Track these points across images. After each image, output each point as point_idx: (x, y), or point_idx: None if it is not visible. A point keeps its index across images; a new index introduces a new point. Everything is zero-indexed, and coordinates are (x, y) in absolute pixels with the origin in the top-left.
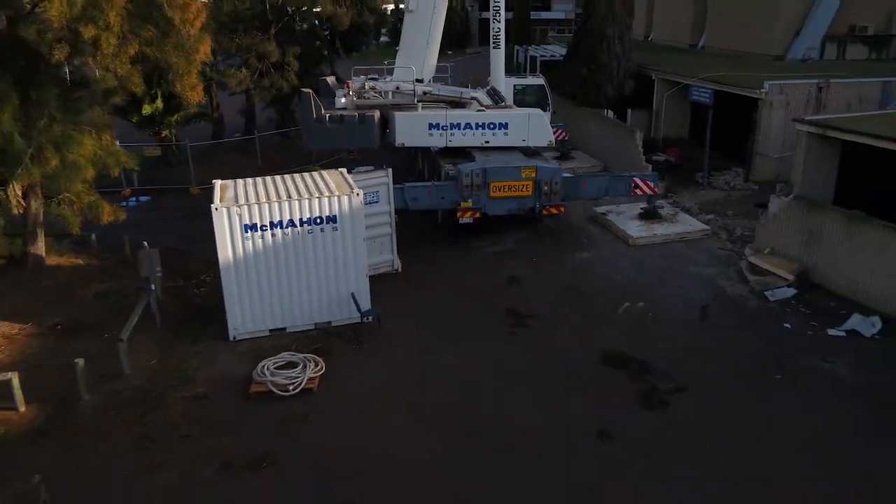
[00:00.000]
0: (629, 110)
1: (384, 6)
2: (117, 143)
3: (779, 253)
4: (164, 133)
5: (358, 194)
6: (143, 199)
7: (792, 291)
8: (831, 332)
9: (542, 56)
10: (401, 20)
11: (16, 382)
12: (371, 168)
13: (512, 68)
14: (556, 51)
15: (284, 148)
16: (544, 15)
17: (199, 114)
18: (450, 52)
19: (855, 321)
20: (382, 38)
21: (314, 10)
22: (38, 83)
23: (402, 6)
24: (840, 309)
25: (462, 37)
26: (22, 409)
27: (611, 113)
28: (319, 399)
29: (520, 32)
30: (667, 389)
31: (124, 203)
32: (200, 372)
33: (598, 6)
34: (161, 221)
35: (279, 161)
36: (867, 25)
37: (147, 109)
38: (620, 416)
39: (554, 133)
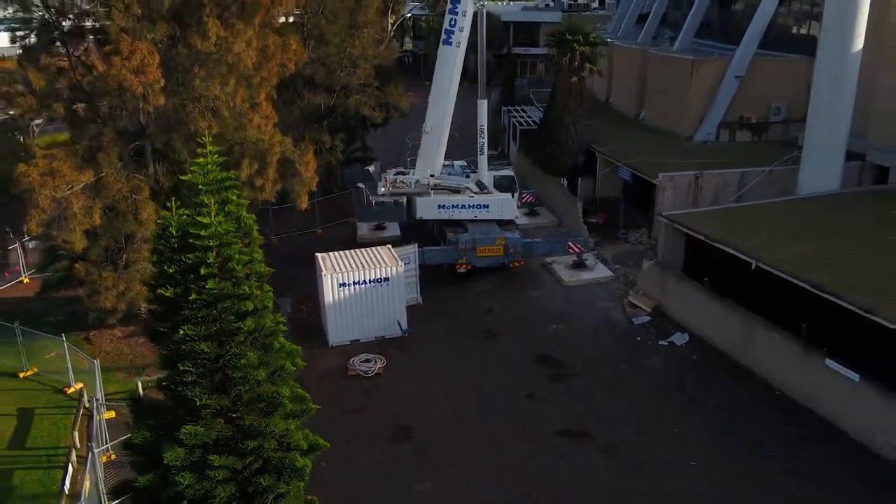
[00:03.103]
0: (579, 179)
1: (407, 103)
2: None
3: (646, 294)
4: None
5: (400, 266)
6: None
7: (648, 319)
8: (661, 342)
9: (520, 125)
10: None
11: None
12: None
13: (498, 127)
14: (533, 114)
15: (329, 204)
16: (533, 51)
17: None
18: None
19: (675, 336)
20: None
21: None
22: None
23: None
24: (672, 329)
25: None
26: None
27: (565, 181)
28: (385, 378)
29: (506, 96)
30: (566, 373)
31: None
32: (318, 363)
33: (558, 101)
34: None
35: (331, 214)
36: (751, 116)
37: None
38: (539, 387)
39: (524, 196)
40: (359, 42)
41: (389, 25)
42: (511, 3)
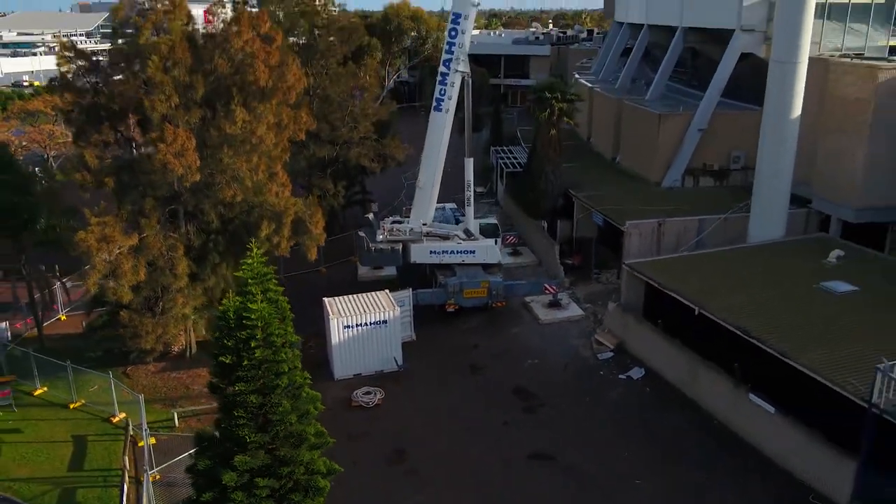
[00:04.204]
0: (558, 221)
1: (403, 154)
2: None
3: (610, 332)
4: None
5: (396, 310)
6: None
7: (611, 354)
8: (621, 376)
9: (507, 167)
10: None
11: None
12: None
13: (487, 166)
14: (519, 154)
15: (332, 245)
16: (524, 82)
17: None
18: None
19: (633, 371)
20: None
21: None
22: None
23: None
24: (631, 364)
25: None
26: None
27: (545, 223)
28: (384, 409)
29: (495, 137)
30: (538, 404)
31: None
32: (326, 395)
33: (538, 151)
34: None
35: (334, 254)
36: (714, 164)
37: None
38: (515, 416)
39: (509, 238)
40: (359, 102)
41: (386, 82)
42: (503, 34)
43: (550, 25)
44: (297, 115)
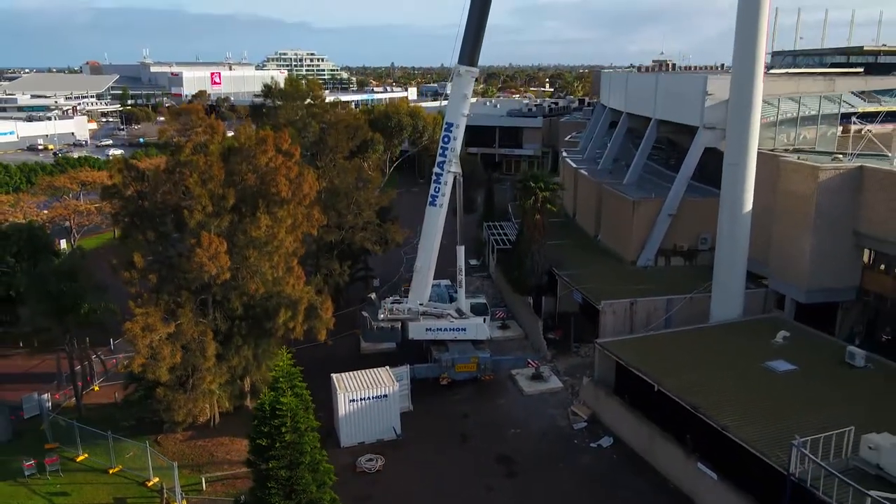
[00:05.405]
0: (543, 297)
1: (402, 237)
2: None
3: (585, 404)
4: None
5: (395, 385)
6: None
7: (585, 424)
8: (592, 444)
9: (498, 244)
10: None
11: None
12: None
13: (481, 241)
14: (510, 230)
15: (337, 318)
16: (517, 151)
17: None
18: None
19: (603, 439)
20: None
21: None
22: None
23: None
24: (602, 434)
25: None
26: None
27: (531, 299)
28: (384, 474)
29: (487, 213)
30: (518, 470)
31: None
32: (333, 461)
33: (524, 233)
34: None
35: (339, 327)
36: (684, 245)
37: None
38: (498, 481)
39: (498, 313)
40: (363, 193)
41: (387, 169)
42: (498, 105)
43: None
44: (309, 213)
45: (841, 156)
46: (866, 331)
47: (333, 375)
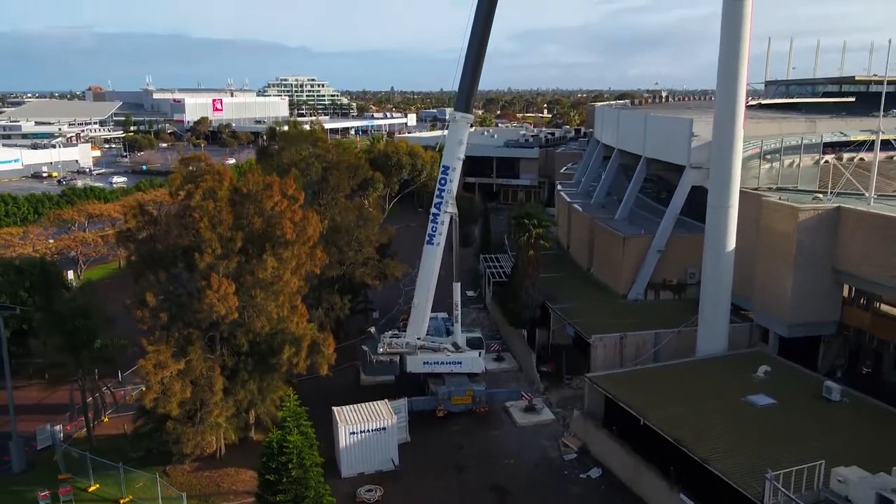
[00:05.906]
0: (537, 330)
1: (400, 272)
2: None
3: (575, 436)
4: None
5: (393, 418)
6: None
7: (575, 455)
8: (581, 475)
9: (493, 277)
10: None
11: None
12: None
13: (478, 273)
14: (505, 263)
15: (338, 351)
16: (514, 181)
17: None
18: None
19: (592, 470)
20: None
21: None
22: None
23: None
24: (591, 465)
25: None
26: None
27: (525, 332)
28: (384, 503)
29: (483, 246)
30: (511, 500)
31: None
32: (334, 491)
33: (519, 268)
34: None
35: (339, 359)
36: (672, 279)
37: None
38: None
39: (493, 346)
40: (364, 230)
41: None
42: (495, 135)
43: (545, 111)
44: (312, 252)
45: (821, 195)
46: (848, 363)
47: (334, 408)
